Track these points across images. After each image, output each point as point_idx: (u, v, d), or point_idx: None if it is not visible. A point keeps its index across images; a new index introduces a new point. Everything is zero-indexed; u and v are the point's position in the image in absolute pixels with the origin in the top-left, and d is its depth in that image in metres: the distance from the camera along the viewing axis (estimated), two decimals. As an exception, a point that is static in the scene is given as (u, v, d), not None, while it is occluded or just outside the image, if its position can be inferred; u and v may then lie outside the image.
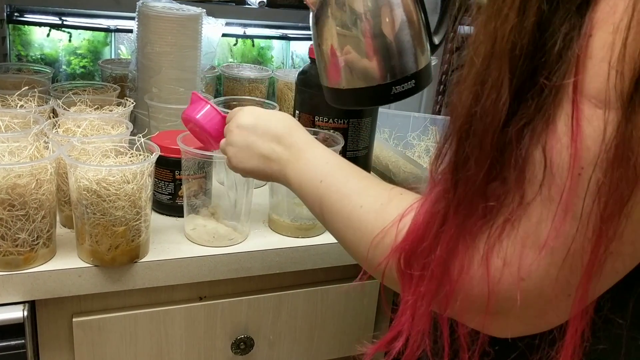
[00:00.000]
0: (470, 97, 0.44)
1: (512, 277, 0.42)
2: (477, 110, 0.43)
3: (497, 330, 0.46)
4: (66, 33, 1.49)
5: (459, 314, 0.47)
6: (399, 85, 0.76)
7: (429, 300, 0.47)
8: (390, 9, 0.72)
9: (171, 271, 0.86)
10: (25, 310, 0.80)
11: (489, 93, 0.42)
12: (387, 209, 0.53)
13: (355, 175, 0.62)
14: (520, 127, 0.42)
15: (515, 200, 0.42)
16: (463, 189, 0.44)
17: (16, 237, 0.76)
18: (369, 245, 0.53)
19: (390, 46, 0.74)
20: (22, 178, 0.74)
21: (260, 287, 0.96)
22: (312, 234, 0.95)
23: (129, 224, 0.80)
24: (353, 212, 0.56)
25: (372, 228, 0.53)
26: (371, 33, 0.74)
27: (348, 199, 0.58)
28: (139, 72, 1.13)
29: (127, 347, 0.89)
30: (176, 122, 1.08)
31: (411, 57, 0.75)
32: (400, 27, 0.73)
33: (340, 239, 0.60)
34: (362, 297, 1.03)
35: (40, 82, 1.10)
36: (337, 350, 1.06)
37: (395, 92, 0.76)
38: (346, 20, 0.75)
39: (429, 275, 0.46)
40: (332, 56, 0.78)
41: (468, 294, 0.44)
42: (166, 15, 1.07)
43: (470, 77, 0.44)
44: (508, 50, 0.42)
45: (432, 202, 0.47)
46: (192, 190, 0.92)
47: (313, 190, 0.63)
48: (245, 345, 0.97)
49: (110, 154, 0.83)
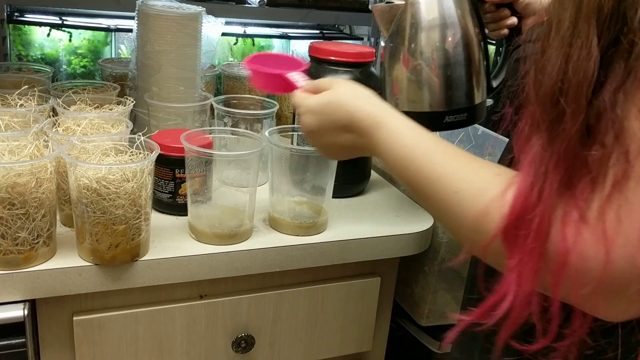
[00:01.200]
0: (560, 58, 0.46)
1: (628, 243, 0.42)
2: (569, 69, 0.45)
3: (609, 309, 0.45)
4: (66, 33, 1.49)
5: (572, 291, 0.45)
6: (451, 115, 0.82)
7: (535, 258, 0.45)
8: (455, 47, 0.80)
9: (171, 270, 0.86)
10: (25, 309, 0.80)
11: (579, 52, 0.45)
12: (485, 194, 0.50)
13: (440, 154, 0.57)
14: (613, 91, 0.43)
15: (619, 164, 0.43)
16: (560, 145, 0.45)
17: (16, 236, 0.77)
18: (471, 230, 0.51)
19: (449, 79, 0.81)
20: (22, 177, 0.74)
21: (260, 285, 0.96)
22: (312, 232, 0.95)
23: (129, 222, 0.80)
24: (448, 199, 0.53)
25: (471, 213, 0.51)
26: (435, 65, 0.81)
27: (439, 184, 0.54)
28: (139, 71, 1.13)
29: (128, 346, 0.89)
30: (176, 121, 1.08)
31: (467, 92, 0.82)
32: (461, 65, 0.81)
33: (439, 220, 0.58)
34: (362, 295, 1.03)
35: (40, 82, 1.10)
36: (337, 349, 1.06)
37: (448, 121, 0.82)
38: (415, 50, 0.82)
39: (534, 231, 0.45)
40: (395, 80, 0.84)
41: (580, 260, 0.43)
42: (166, 14, 1.07)
43: (556, 41, 0.47)
44: (595, 11, 0.44)
45: (531, 163, 0.47)
46: (194, 188, 0.92)
47: (401, 175, 0.59)
48: (245, 343, 0.97)
49: (110, 153, 0.83)
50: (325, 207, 0.97)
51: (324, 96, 0.68)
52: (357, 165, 1.10)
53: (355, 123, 0.64)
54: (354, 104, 0.65)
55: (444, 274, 1.09)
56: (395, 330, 1.21)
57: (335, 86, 0.69)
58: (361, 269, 1.03)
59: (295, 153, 0.93)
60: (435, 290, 1.10)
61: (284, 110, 1.37)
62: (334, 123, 0.67)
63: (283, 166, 0.94)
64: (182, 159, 0.92)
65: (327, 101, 0.67)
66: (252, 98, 1.19)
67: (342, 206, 1.07)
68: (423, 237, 1.02)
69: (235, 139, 1.00)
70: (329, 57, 1.04)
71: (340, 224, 1.00)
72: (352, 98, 0.66)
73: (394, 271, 1.07)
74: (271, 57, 0.80)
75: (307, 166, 0.95)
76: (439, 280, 1.09)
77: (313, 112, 0.69)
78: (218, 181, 0.98)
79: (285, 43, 1.68)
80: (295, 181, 0.96)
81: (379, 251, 0.99)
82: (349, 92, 0.67)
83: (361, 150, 0.66)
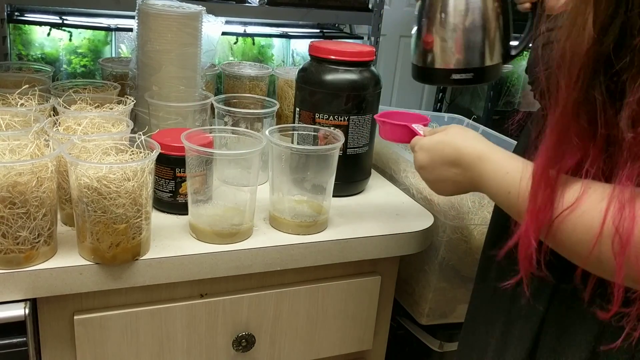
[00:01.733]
0: (564, 36, 0.55)
1: None
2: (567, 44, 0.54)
3: None
4: (66, 32, 1.49)
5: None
6: (458, 74, 0.90)
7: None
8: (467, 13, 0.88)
9: (172, 269, 0.86)
10: (26, 308, 0.80)
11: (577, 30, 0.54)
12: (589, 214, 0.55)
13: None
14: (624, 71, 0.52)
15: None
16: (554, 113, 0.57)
17: (17, 235, 0.77)
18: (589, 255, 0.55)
19: (464, 40, 0.89)
20: (22, 176, 0.74)
21: (261, 284, 0.96)
22: (312, 231, 0.95)
23: (130, 221, 0.80)
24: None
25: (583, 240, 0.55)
26: (449, 27, 0.90)
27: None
28: (139, 71, 1.13)
29: (129, 345, 0.90)
30: (177, 120, 1.09)
31: (479, 54, 0.89)
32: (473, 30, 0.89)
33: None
34: (362, 294, 1.03)
35: (40, 81, 1.10)
36: (338, 347, 1.06)
37: (455, 78, 0.91)
38: (429, 11, 0.91)
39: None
40: (418, 37, 0.93)
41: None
42: (166, 13, 1.07)
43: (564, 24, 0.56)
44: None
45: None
46: (194, 187, 0.92)
47: (504, 201, 0.66)
48: (246, 342, 0.97)
49: (110, 152, 0.84)
50: (325, 206, 0.97)
51: (436, 136, 0.77)
52: (358, 164, 1.10)
53: (462, 158, 0.72)
54: (462, 141, 0.73)
55: (444, 272, 1.09)
56: (395, 329, 1.21)
57: (447, 129, 0.77)
58: (362, 268, 1.03)
59: (296, 152, 0.93)
60: (436, 289, 1.10)
61: (284, 109, 1.37)
62: (442, 158, 0.75)
63: (283, 165, 0.94)
64: (182, 158, 0.92)
65: (438, 140, 0.76)
66: (252, 97, 1.19)
67: (343, 205, 1.07)
68: (423, 236, 1.02)
69: (235, 138, 1.00)
70: (329, 56, 1.04)
71: (340, 223, 1.00)
72: (460, 136, 0.74)
73: (394, 270, 1.07)
74: (399, 114, 0.93)
75: (307, 165, 0.95)
76: (439, 279, 1.09)
77: (425, 149, 0.77)
78: (218, 180, 0.98)
79: (285, 42, 1.68)
80: (295, 180, 0.96)
81: (379, 250, 0.99)
82: (457, 132, 0.75)
83: (467, 184, 0.73)
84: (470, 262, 1.08)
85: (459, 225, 1.05)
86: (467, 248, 1.07)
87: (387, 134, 0.91)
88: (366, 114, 1.06)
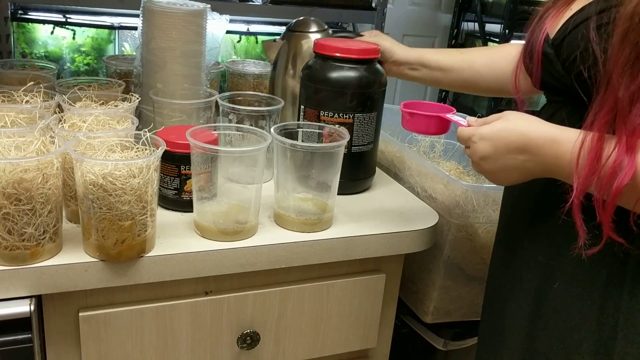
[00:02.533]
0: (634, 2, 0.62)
1: None
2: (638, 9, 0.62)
3: None
4: (70, 30, 1.49)
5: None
6: None
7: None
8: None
9: (177, 266, 0.86)
10: (31, 304, 0.80)
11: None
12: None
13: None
14: None
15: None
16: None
17: (23, 232, 0.77)
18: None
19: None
20: (28, 173, 0.74)
21: (266, 281, 0.96)
22: (317, 228, 0.95)
23: (135, 218, 0.80)
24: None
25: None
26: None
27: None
28: (144, 68, 1.13)
29: (133, 342, 0.89)
30: (181, 118, 1.08)
31: None
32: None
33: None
34: (367, 292, 1.03)
35: (45, 78, 1.10)
36: (342, 345, 1.06)
37: None
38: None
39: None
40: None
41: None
42: (170, 10, 1.07)
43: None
44: None
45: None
46: (199, 184, 0.92)
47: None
48: (251, 339, 0.97)
49: (116, 149, 0.83)
50: (330, 204, 0.97)
51: (497, 124, 0.75)
52: (363, 162, 1.10)
53: (531, 143, 0.71)
54: (527, 127, 0.72)
55: (448, 271, 1.09)
56: (399, 328, 1.21)
57: (505, 116, 0.75)
58: (366, 266, 1.03)
59: (300, 150, 0.93)
60: (440, 287, 1.10)
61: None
62: (507, 146, 0.72)
63: (288, 163, 0.94)
64: (187, 155, 0.92)
65: (500, 127, 0.74)
66: (257, 95, 1.19)
67: (347, 203, 1.07)
68: (428, 234, 1.02)
69: (240, 136, 1.00)
70: (334, 53, 1.04)
71: (345, 221, 1.00)
72: (523, 121, 0.73)
73: (399, 268, 1.07)
74: (420, 104, 0.90)
75: (312, 163, 0.95)
76: (443, 277, 1.09)
77: (488, 138, 0.74)
78: (223, 178, 0.98)
79: (288, 41, 1.68)
80: (300, 178, 0.96)
81: (384, 248, 0.99)
82: (519, 117, 0.74)
83: (537, 169, 0.72)
84: (474, 261, 1.08)
85: (464, 224, 1.05)
86: (472, 246, 1.07)
87: (414, 125, 0.89)
88: (371, 112, 1.06)
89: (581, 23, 0.71)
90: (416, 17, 3.15)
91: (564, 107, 0.79)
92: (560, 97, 0.79)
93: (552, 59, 0.76)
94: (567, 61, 0.74)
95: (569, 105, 0.78)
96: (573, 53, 0.72)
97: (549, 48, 0.77)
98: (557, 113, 0.79)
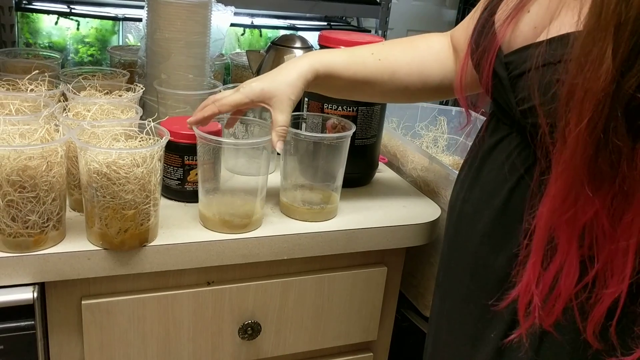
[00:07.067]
0: (575, 71, 0.46)
1: None
2: (579, 81, 0.45)
3: None
4: (74, 21, 1.49)
5: None
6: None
7: None
8: None
9: (179, 256, 0.86)
10: (35, 291, 0.80)
11: (591, 63, 0.44)
12: None
13: None
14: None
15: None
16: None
17: (27, 219, 0.77)
18: None
19: None
20: (32, 160, 0.75)
21: (267, 273, 0.96)
22: (321, 218, 0.95)
23: (139, 207, 0.80)
24: None
25: None
26: None
27: None
28: (148, 59, 1.13)
29: (135, 330, 0.90)
30: (185, 109, 1.09)
31: None
32: None
33: None
34: (369, 284, 1.03)
35: (50, 67, 1.10)
36: (343, 337, 1.06)
37: None
38: None
39: None
40: None
41: None
42: (175, 1, 1.07)
43: (575, 51, 0.46)
44: (614, 22, 0.43)
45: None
46: (204, 175, 0.92)
47: None
48: (252, 330, 0.97)
49: (120, 138, 0.84)
50: (335, 194, 0.98)
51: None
52: (366, 156, 1.10)
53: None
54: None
55: (450, 265, 1.09)
56: (400, 321, 1.21)
57: None
58: (368, 259, 1.03)
59: (304, 139, 0.93)
60: (441, 281, 1.10)
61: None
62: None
63: (293, 153, 0.94)
64: (191, 145, 0.92)
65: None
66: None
67: (350, 196, 1.07)
68: (430, 228, 1.02)
69: (244, 127, 1.00)
70: (339, 46, 1.04)
71: (347, 214, 1.00)
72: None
73: (400, 261, 1.07)
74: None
75: (317, 153, 0.95)
76: (445, 271, 1.09)
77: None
78: (227, 169, 0.98)
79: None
80: (305, 168, 0.96)
81: (386, 241, 0.99)
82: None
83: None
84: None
85: (466, 218, 1.05)
86: (474, 241, 1.07)
87: None
88: (375, 105, 1.06)
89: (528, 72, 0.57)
90: (421, 13, 3.15)
91: (516, 136, 0.63)
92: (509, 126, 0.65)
93: (504, 84, 0.61)
94: (517, 98, 0.60)
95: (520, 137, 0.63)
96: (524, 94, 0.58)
97: (502, 68, 0.62)
98: (506, 140, 0.65)
